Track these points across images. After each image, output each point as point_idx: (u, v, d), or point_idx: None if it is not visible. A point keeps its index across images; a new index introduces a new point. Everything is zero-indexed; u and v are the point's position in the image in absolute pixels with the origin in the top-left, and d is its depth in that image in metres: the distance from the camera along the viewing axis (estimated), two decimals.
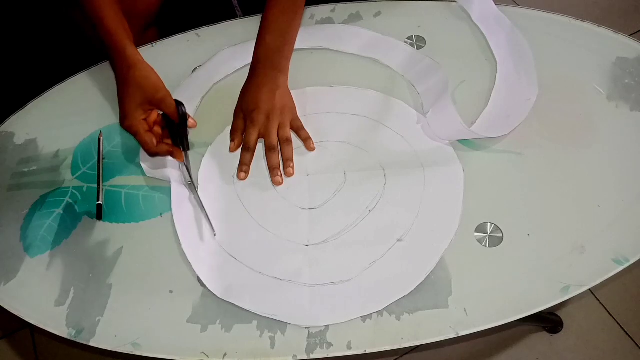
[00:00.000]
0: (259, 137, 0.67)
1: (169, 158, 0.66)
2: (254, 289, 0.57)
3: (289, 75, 0.71)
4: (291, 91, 0.71)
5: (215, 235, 0.60)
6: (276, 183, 0.64)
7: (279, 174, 0.64)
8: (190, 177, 0.64)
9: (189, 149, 0.65)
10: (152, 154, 0.64)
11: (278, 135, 0.67)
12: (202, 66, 0.76)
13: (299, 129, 0.68)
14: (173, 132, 0.66)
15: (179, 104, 0.65)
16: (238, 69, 0.76)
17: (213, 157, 0.68)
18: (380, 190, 0.62)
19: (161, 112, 0.66)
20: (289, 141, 0.67)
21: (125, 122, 0.64)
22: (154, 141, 0.64)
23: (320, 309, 0.55)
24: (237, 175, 0.65)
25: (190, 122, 0.66)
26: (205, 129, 0.69)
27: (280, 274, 0.57)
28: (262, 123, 0.67)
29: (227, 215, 0.62)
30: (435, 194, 0.61)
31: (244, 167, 0.65)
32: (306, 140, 0.67)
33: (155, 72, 0.65)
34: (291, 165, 0.65)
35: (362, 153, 0.66)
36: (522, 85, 0.70)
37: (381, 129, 0.68)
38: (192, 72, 0.75)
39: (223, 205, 0.63)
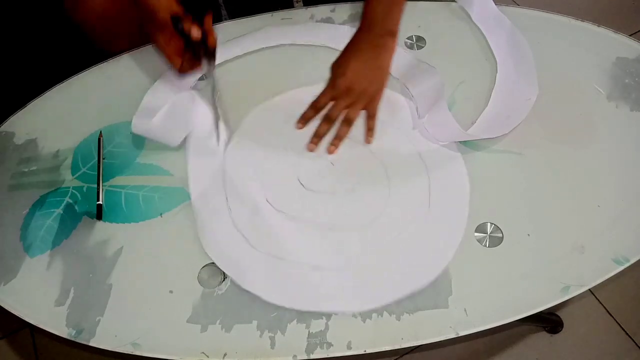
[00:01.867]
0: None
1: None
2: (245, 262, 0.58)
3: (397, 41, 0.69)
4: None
5: (219, 143, 0.61)
6: (309, 148, 0.65)
7: (316, 142, 0.65)
8: (214, 93, 0.64)
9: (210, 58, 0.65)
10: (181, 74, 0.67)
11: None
12: (239, 37, 0.78)
13: (369, 117, 0.67)
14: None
15: (176, 20, 0.63)
16: (272, 46, 0.77)
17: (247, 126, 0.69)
18: (383, 205, 0.61)
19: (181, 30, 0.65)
20: (348, 122, 0.66)
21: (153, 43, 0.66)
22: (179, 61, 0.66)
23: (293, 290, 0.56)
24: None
25: (194, 33, 0.63)
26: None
27: (274, 250, 0.58)
28: (338, 92, 0.66)
29: (239, 171, 0.64)
30: (439, 203, 0.61)
31: (300, 121, 0.67)
32: (368, 130, 0.67)
33: None
34: (337, 144, 0.65)
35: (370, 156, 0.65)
36: (522, 85, 0.70)
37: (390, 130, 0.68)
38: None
39: (237, 160, 0.65)
